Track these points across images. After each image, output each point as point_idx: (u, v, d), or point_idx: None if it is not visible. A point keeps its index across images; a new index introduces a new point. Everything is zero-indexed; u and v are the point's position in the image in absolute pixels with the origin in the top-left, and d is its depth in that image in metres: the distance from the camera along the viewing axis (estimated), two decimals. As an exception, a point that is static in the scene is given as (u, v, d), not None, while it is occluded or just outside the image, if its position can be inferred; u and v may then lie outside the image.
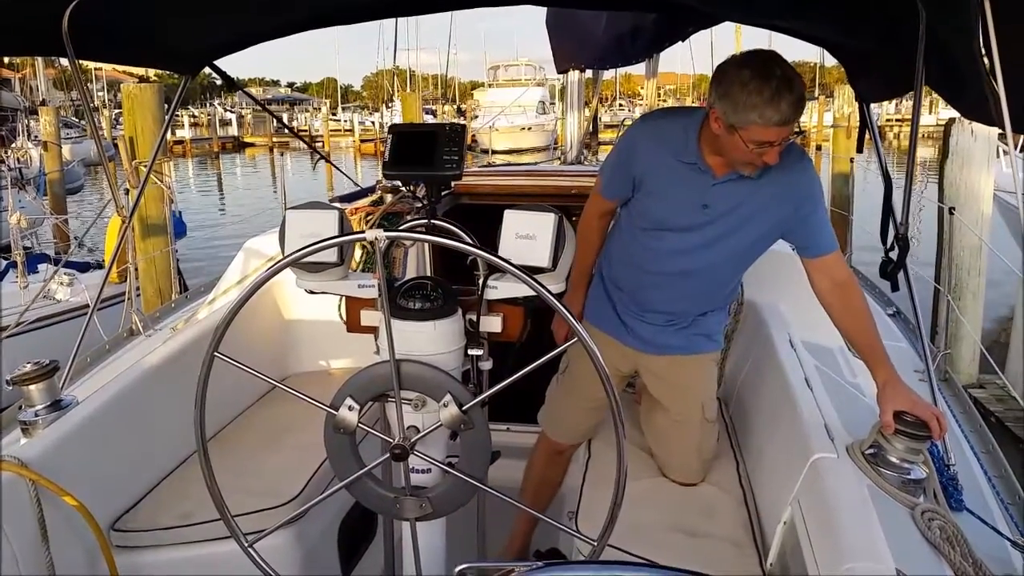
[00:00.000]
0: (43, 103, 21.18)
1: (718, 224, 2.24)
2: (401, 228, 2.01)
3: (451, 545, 1.99)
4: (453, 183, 3.87)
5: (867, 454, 1.95)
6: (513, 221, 1.69)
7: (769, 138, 2.00)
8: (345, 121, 52.69)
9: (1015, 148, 6.41)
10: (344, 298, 1.97)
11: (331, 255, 1.71)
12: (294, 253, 1.54)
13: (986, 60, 1.41)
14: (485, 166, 7.77)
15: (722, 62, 2.09)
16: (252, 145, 48.01)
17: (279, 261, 1.54)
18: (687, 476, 2.54)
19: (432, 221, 1.97)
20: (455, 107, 52.56)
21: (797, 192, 2.23)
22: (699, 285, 2.39)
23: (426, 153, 1.93)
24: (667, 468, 2.57)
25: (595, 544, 1.61)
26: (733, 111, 1.98)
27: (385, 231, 1.52)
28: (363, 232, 1.54)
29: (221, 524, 1.72)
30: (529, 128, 35.32)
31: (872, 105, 2.75)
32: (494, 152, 31.18)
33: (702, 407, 2.51)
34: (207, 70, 3.22)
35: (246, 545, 1.71)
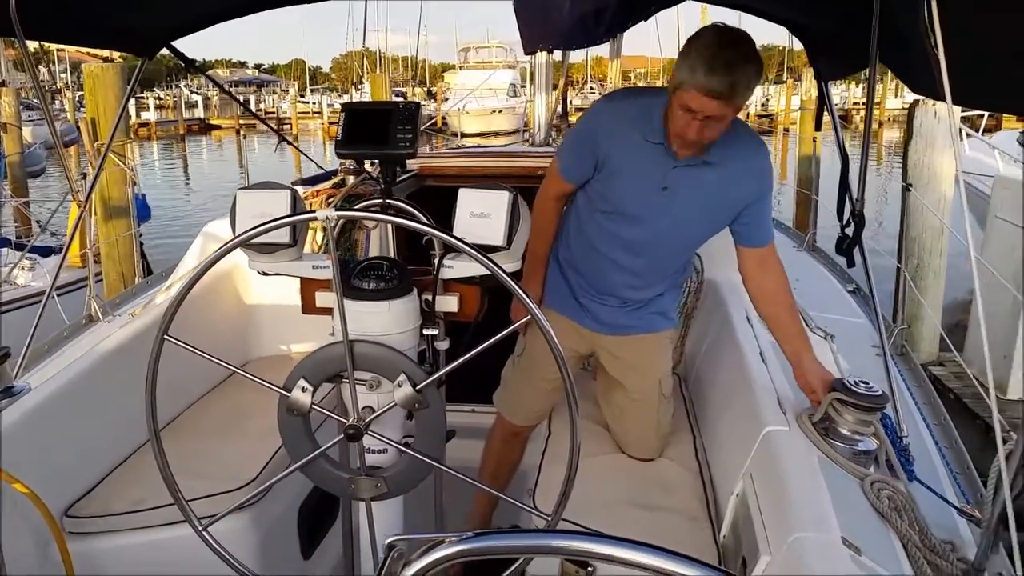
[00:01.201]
0: (3, 84, 20.69)
1: (676, 208, 2.24)
2: (356, 208, 1.99)
3: (409, 525, 1.99)
4: (418, 165, 3.88)
5: (818, 426, 1.98)
6: (467, 199, 1.69)
7: (693, 104, 1.98)
8: (314, 103, 52.11)
9: (958, 124, 6.48)
10: (300, 280, 1.96)
11: (283, 236, 1.69)
12: (244, 233, 1.52)
13: (932, 36, 1.43)
14: (454, 148, 7.74)
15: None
16: (219, 128, 47.23)
17: (228, 242, 1.53)
18: (645, 452, 2.57)
19: (387, 201, 1.95)
20: (426, 89, 52.13)
21: (755, 183, 2.25)
22: (656, 267, 2.40)
23: (379, 132, 1.92)
24: (625, 445, 2.60)
25: (549, 519, 1.62)
26: (679, 66, 1.99)
27: (336, 211, 1.52)
28: (313, 212, 1.53)
29: (176, 509, 1.72)
30: (500, 111, 35.14)
31: (840, 88, 2.78)
32: (465, 135, 30.98)
33: (659, 384, 2.55)
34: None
35: (199, 529, 1.71)
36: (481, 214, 1.67)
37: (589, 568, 2.00)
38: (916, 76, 2.04)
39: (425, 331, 1.82)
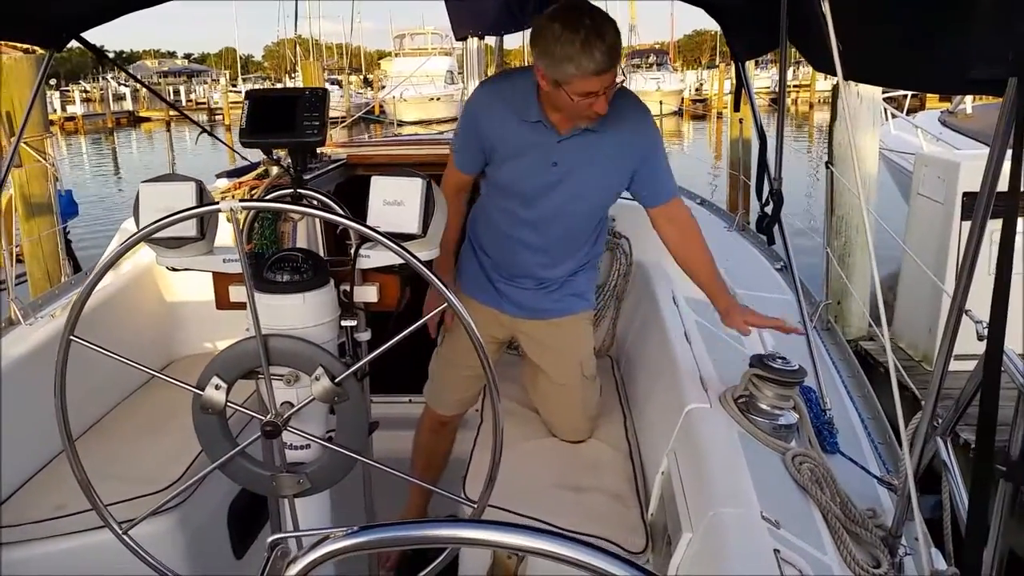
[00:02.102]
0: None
1: (569, 180, 2.26)
2: (267, 199, 1.95)
3: (338, 520, 1.97)
4: (346, 154, 3.83)
5: (739, 402, 2.02)
6: (381, 187, 1.66)
7: (591, 88, 2.01)
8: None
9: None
10: (213, 274, 1.91)
11: (190, 229, 1.64)
12: (144, 228, 1.47)
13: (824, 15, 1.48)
14: (389, 137, 7.65)
15: (535, 18, 2.10)
16: (148, 120, 45.91)
17: (128, 238, 1.48)
18: (574, 435, 2.59)
19: (299, 191, 1.91)
20: (361, 77, 51.42)
21: (641, 142, 2.28)
22: (562, 242, 2.42)
23: (286, 120, 1.87)
24: (554, 429, 2.61)
25: (475, 506, 1.62)
26: (552, 66, 2.00)
27: (242, 201, 1.48)
28: (216, 204, 1.49)
29: (96, 514, 1.67)
30: (438, 98, 34.95)
31: (772, 71, 2.85)
32: (403, 123, 30.73)
33: (580, 366, 2.56)
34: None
35: (120, 532, 1.66)
36: (395, 202, 1.65)
37: (520, 553, 2.00)
38: (817, 54, 2.10)
39: (344, 322, 1.79)
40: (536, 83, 2.16)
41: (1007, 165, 1.20)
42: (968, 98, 9.71)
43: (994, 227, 1.22)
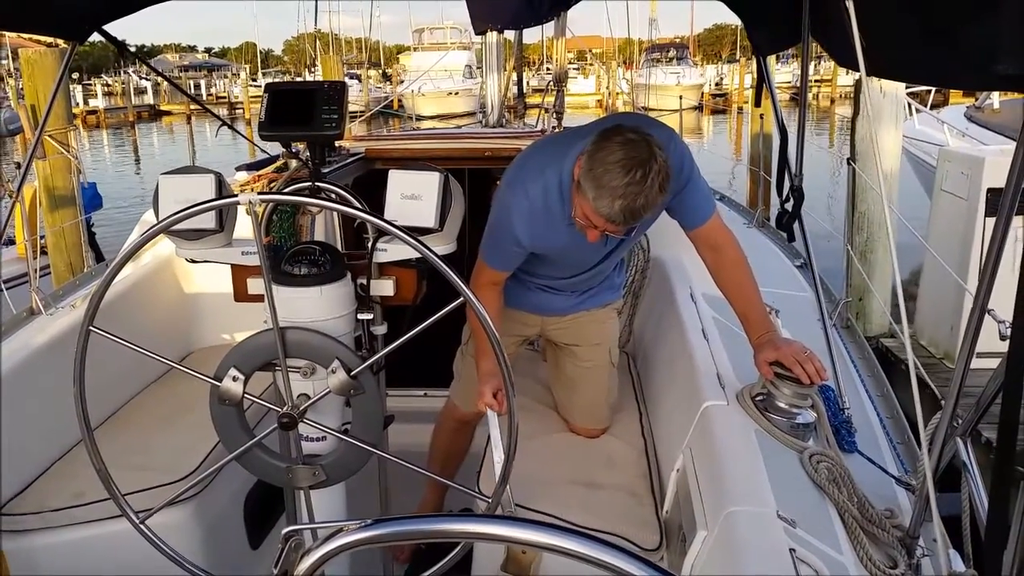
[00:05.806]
0: (-60, 72, 19.98)
1: (603, 248, 2.29)
2: (286, 192, 1.96)
3: (354, 512, 1.98)
4: (364, 148, 3.83)
5: (756, 400, 2.00)
6: (398, 181, 1.67)
7: (592, 219, 1.94)
8: (267, 87, 51.11)
9: (904, 100, 6.55)
10: (231, 267, 1.92)
11: (209, 221, 1.65)
12: (165, 220, 1.48)
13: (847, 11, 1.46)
14: (407, 131, 7.66)
15: (619, 123, 1.98)
16: (169, 114, 46.24)
17: (148, 229, 1.49)
18: (594, 422, 2.60)
19: (317, 184, 1.92)
20: (381, 72, 51.45)
21: (675, 179, 2.15)
22: (599, 273, 2.50)
23: (304, 113, 1.88)
24: (575, 417, 2.62)
25: (490, 501, 1.62)
26: (585, 173, 1.90)
27: (260, 195, 1.49)
28: (236, 196, 1.49)
29: (114, 503, 1.69)
30: (456, 93, 34.91)
31: (793, 66, 2.82)
32: (421, 118, 30.73)
33: (609, 352, 2.62)
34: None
35: (136, 522, 1.68)
36: (412, 196, 1.66)
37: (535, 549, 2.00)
38: (840, 50, 2.07)
39: (360, 316, 1.80)
40: (569, 181, 2.07)
41: None
42: (995, 92, 9.58)
43: (1017, 224, 1.20)
